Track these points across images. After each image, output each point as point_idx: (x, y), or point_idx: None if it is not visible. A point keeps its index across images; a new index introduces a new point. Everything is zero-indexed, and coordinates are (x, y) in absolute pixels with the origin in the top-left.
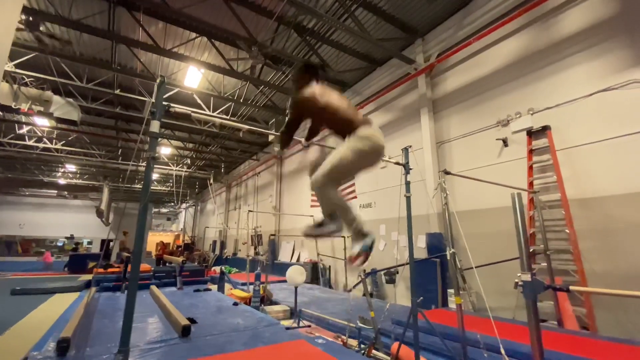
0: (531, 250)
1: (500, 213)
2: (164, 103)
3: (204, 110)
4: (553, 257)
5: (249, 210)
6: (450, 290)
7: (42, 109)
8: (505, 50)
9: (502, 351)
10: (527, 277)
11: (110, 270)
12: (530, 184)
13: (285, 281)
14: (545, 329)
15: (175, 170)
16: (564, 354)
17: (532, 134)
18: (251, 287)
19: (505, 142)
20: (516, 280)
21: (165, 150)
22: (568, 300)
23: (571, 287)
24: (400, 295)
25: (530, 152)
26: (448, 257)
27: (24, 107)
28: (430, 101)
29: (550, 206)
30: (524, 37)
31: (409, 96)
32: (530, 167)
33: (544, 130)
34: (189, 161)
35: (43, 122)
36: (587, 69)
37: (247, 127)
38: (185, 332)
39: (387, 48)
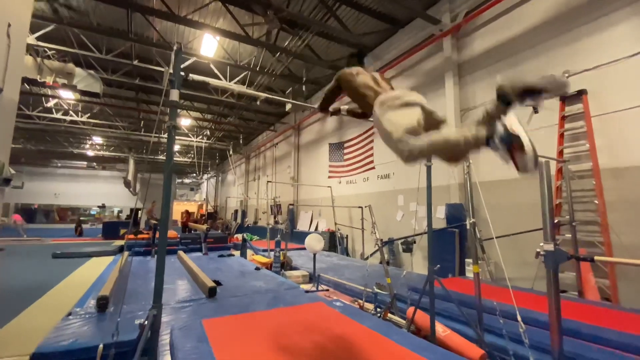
0: (556, 221)
1: (524, 183)
2: (182, 72)
3: (221, 80)
4: (579, 228)
5: (268, 181)
6: (468, 260)
7: (65, 81)
8: (541, 6)
9: (519, 318)
10: (550, 246)
11: (140, 236)
12: (560, 153)
13: (304, 249)
14: (565, 299)
15: (196, 141)
16: (582, 323)
17: (565, 99)
18: (272, 253)
19: (535, 109)
20: (538, 250)
21: (185, 121)
22: (591, 271)
23: (596, 257)
24: (417, 263)
25: (563, 118)
26: (468, 227)
27: (49, 80)
28: (456, 65)
29: (579, 176)
30: None
31: (432, 60)
32: (561, 135)
33: (580, 95)
34: (208, 132)
35: (68, 95)
36: (631, 26)
37: (264, 95)
38: (211, 293)
39: (410, 7)
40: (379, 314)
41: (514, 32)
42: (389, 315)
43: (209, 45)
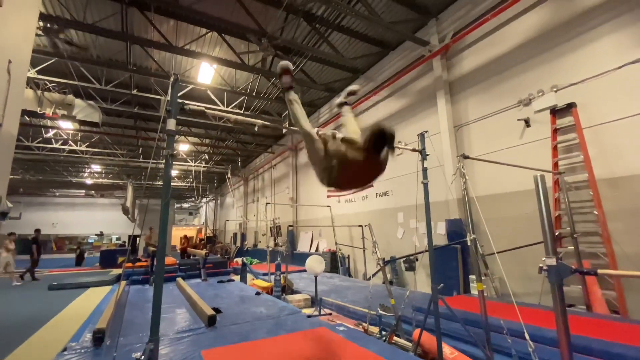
0: (557, 233)
1: (523, 196)
2: (179, 101)
3: (218, 105)
4: (580, 240)
5: (267, 203)
6: (472, 277)
7: (65, 112)
8: (525, 25)
9: (527, 336)
10: (552, 261)
11: (138, 264)
12: (555, 165)
13: (305, 271)
14: (573, 313)
15: (194, 166)
16: (592, 338)
17: (556, 112)
18: (272, 277)
19: (527, 123)
20: (540, 265)
21: (183, 147)
22: (597, 284)
23: (599, 271)
24: (421, 282)
25: (555, 131)
26: (469, 243)
27: (49, 111)
28: (447, 83)
29: (576, 187)
30: (545, 9)
31: (424, 80)
32: (555, 148)
33: (569, 107)
34: (206, 157)
35: (67, 125)
36: (614, 40)
37: (260, 122)
38: (211, 321)
39: (399, 31)
40: (384, 338)
41: (501, 50)
42: (395, 338)
43: (206, 73)
